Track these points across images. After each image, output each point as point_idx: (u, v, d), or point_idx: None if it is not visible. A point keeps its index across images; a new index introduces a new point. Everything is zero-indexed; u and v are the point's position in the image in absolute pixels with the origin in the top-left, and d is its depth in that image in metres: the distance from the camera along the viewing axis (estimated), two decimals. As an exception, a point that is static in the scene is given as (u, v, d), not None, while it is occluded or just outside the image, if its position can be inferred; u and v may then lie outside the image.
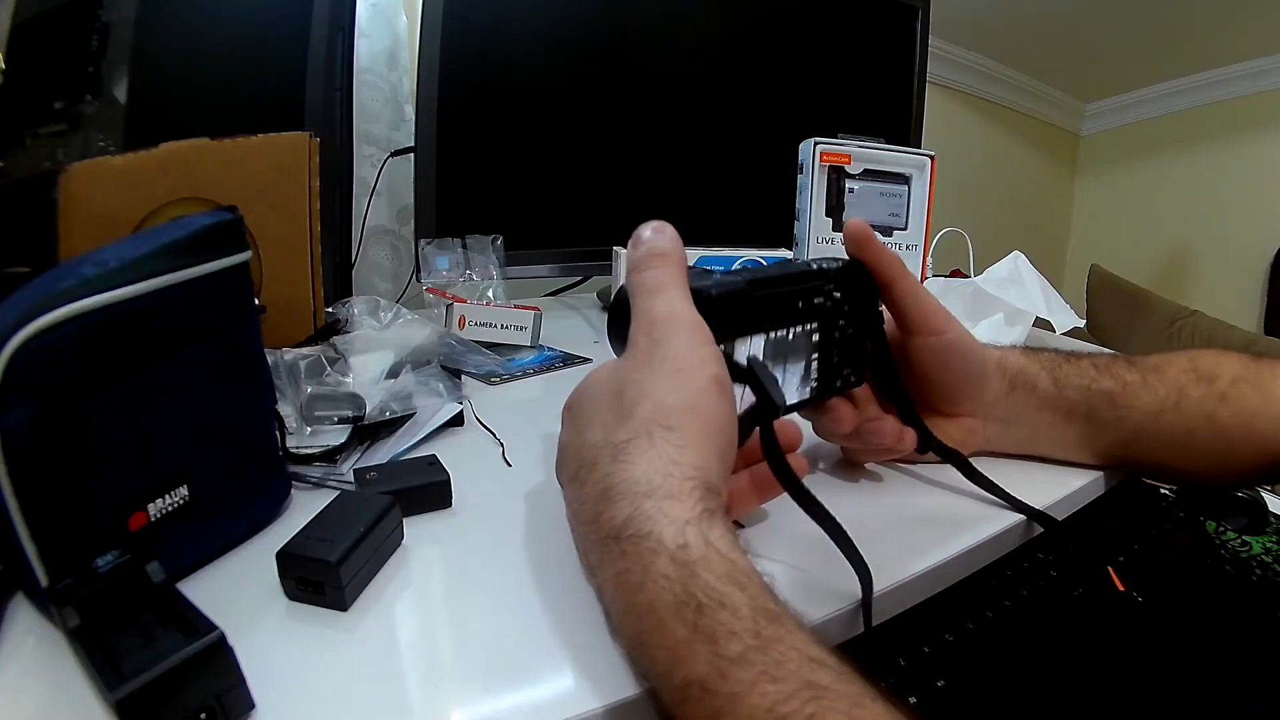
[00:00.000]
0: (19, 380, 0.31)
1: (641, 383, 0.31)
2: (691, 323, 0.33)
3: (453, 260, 0.80)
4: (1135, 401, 0.45)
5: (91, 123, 0.67)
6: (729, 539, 0.27)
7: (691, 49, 1.00)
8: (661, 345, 0.32)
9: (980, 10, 1.91)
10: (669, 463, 0.29)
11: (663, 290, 0.34)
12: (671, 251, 0.36)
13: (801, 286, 0.41)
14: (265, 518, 0.43)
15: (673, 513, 0.27)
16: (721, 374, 0.32)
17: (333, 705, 0.31)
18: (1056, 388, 0.47)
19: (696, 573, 0.25)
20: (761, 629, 0.24)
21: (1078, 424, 0.47)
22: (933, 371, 0.46)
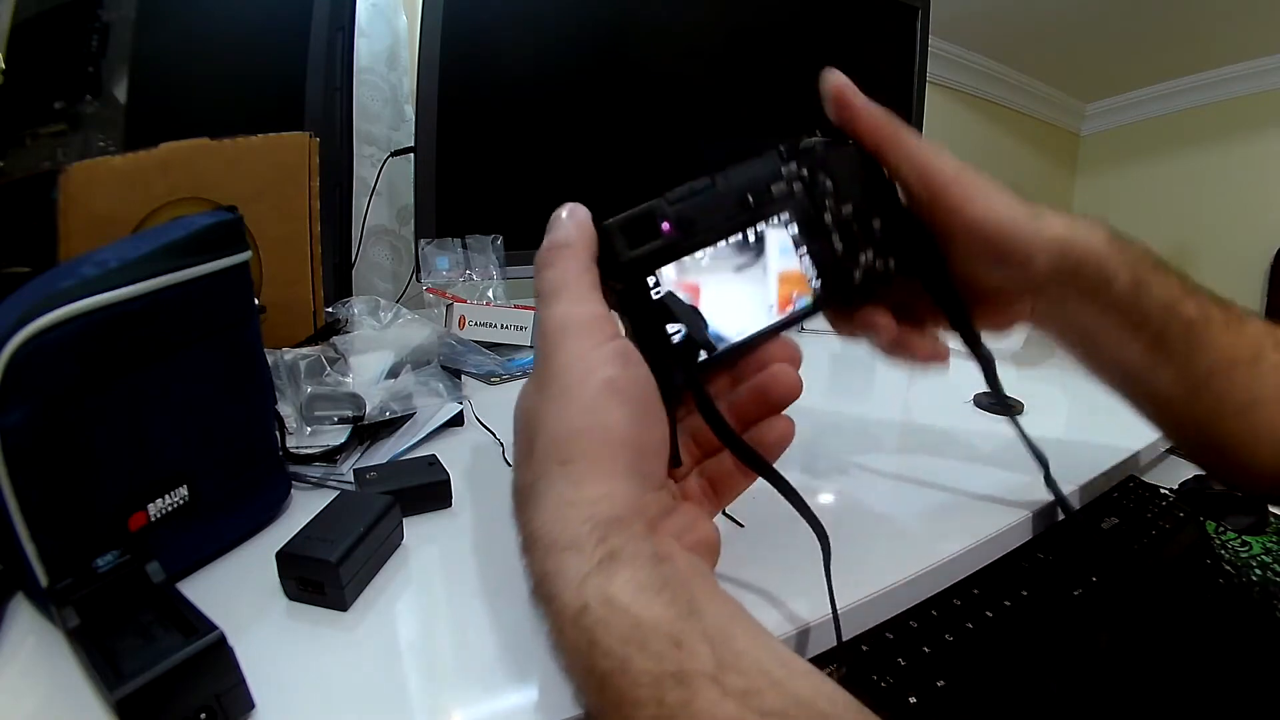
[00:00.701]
0: (19, 380, 0.31)
1: (535, 412, 0.29)
2: (582, 324, 0.29)
3: (453, 260, 0.80)
4: (1214, 340, 0.38)
5: (91, 123, 0.67)
6: (635, 585, 0.24)
7: (691, 49, 1.00)
8: (549, 361, 0.29)
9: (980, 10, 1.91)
10: (564, 505, 0.26)
11: (558, 292, 0.30)
12: (574, 241, 0.31)
13: (747, 180, 0.34)
14: (265, 518, 0.43)
15: (570, 570, 0.24)
16: (616, 375, 0.28)
17: (333, 705, 0.31)
18: (1135, 291, 0.37)
19: (595, 639, 0.23)
20: (665, 695, 0.22)
21: (1143, 341, 0.39)
22: (956, 257, 0.38)
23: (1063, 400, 0.73)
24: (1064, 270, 0.37)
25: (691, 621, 0.23)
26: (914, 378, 0.80)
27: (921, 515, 0.48)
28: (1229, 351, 0.38)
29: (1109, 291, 0.38)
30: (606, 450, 0.27)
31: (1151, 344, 0.39)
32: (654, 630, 0.23)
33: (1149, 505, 0.55)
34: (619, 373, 0.28)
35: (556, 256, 0.31)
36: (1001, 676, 0.39)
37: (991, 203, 0.36)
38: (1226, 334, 0.38)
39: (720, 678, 0.22)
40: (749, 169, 0.34)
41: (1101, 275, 0.37)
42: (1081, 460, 0.55)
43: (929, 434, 0.63)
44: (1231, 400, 0.38)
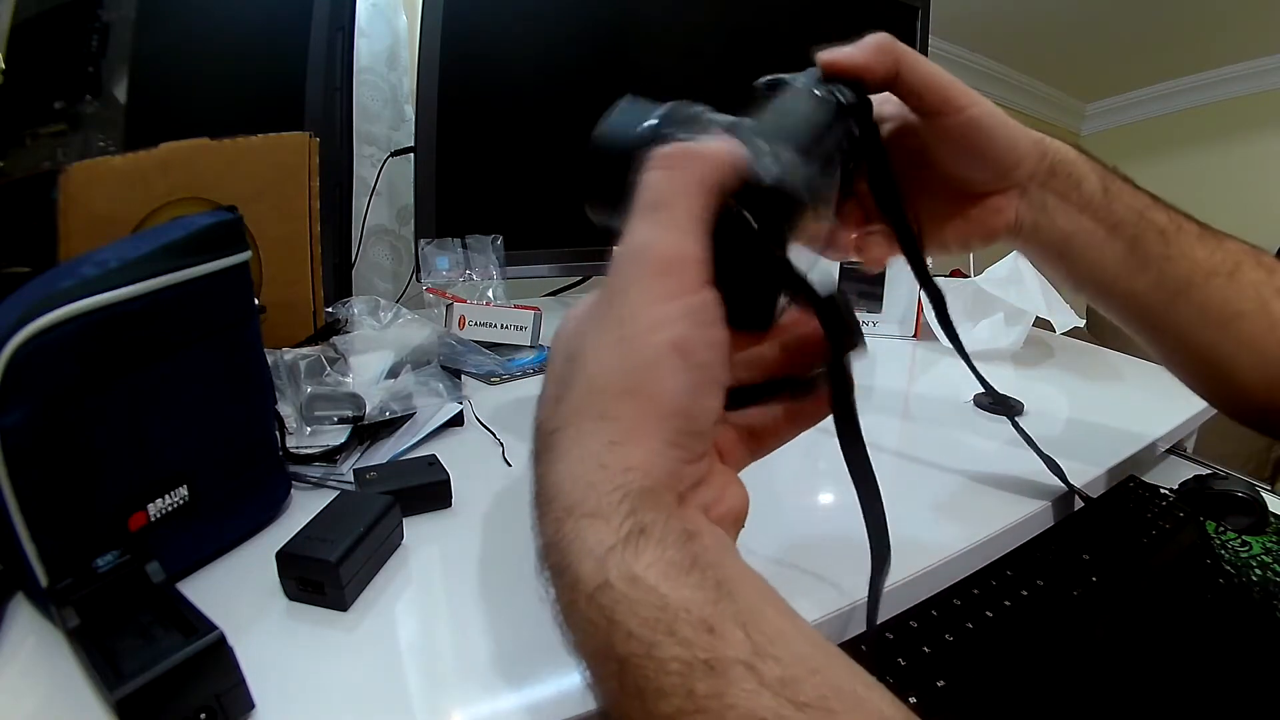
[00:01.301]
0: (19, 380, 0.31)
1: (583, 350, 0.25)
2: (667, 262, 0.25)
3: (453, 260, 0.80)
4: (1189, 250, 0.40)
5: (91, 123, 0.67)
6: (663, 564, 0.21)
7: (691, 49, 1.00)
8: (617, 297, 0.25)
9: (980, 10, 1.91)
10: (595, 466, 0.23)
11: (656, 208, 0.25)
12: (709, 156, 0.26)
13: (835, 139, 0.34)
14: (265, 518, 0.43)
15: (592, 539, 0.22)
16: (686, 335, 0.24)
17: (333, 705, 0.31)
18: (1106, 195, 0.40)
19: (616, 620, 0.21)
20: (695, 685, 0.20)
21: (1120, 245, 0.41)
22: (955, 154, 0.40)
23: (1063, 400, 0.73)
24: (1042, 170, 0.40)
25: (724, 604, 0.21)
26: (914, 378, 0.80)
27: (921, 515, 0.48)
28: (1206, 263, 0.39)
29: (1081, 192, 0.40)
30: (655, 418, 0.24)
31: (1127, 248, 0.41)
32: (684, 613, 0.21)
33: (1149, 505, 0.55)
34: (691, 333, 0.24)
35: (676, 161, 0.26)
36: (1002, 676, 0.39)
37: (985, 107, 0.39)
38: (1202, 246, 0.40)
39: (756, 665, 0.20)
40: (824, 126, 0.34)
41: (1073, 177, 0.40)
42: (1081, 460, 0.55)
43: (928, 434, 0.63)
44: (1212, 311, 0.39)
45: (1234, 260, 0.40)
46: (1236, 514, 0.55)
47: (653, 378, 0.24)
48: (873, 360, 0.84)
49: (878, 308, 0.90)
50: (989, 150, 0.39)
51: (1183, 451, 0.69)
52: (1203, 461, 0.67)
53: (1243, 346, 0.40)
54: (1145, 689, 0.43)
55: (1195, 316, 0.40)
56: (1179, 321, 0.41)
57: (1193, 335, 0.41)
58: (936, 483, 0.52)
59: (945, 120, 0.38)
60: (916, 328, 0.90)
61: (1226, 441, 1.58)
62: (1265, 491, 0.58)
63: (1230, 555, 0.52)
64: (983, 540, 0.45)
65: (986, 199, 0.42)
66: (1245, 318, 0.39)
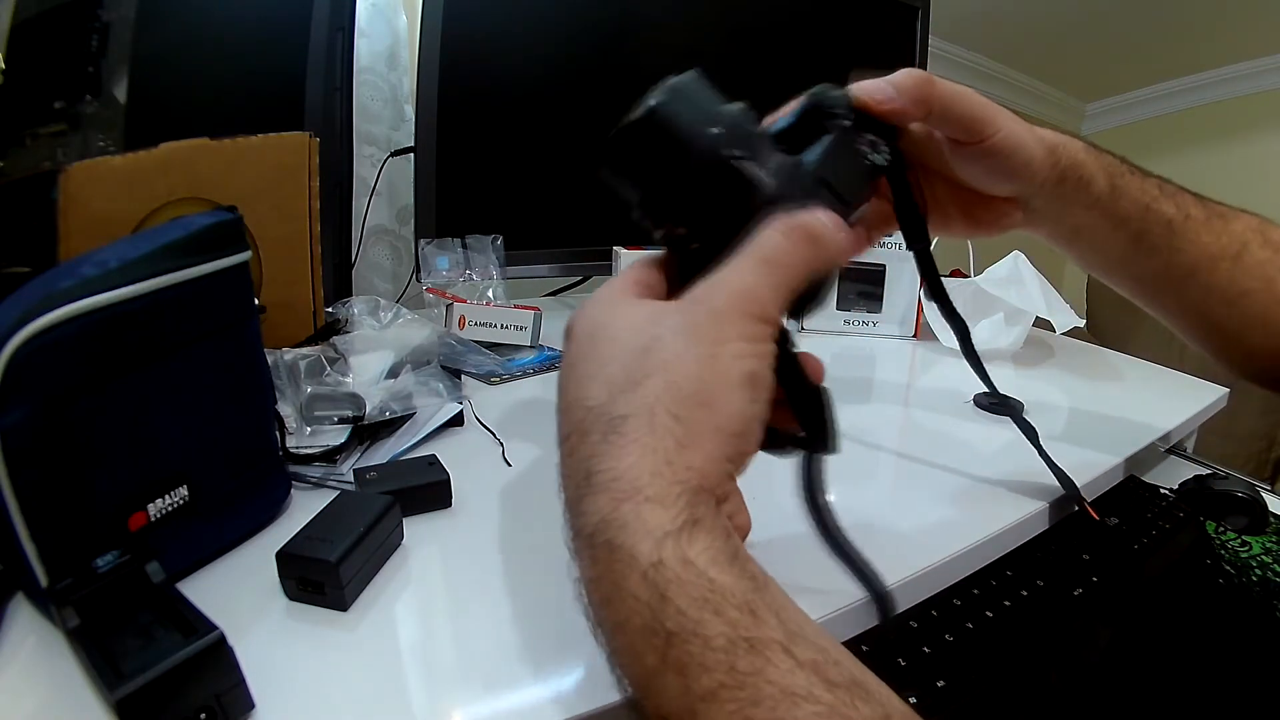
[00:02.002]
0: (19, 380, 0.31)
1: (671, 351, 0.27)
2: (758, 311, 0.28)
3: (453, 260, 0.80)
4: (1195, 238, 0.42)
5: (91, 123, 0.67)
6: (712, 552, 0.24)
7: (691, 49, 1.00)
8: (713, 318, 0.28)
9: (980, 10, 1.91)
10: (662, 461, 0.25)
11: (774, 268, 0.29)
12: (828, 246, 0.30)
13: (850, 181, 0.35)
14: (265, 518, 0.43)
15: (651, 522, 0.24)
16: (759, 372, 0.28)
17: (333, 705, 0.31)
18: (1112, 193, 0.42)
19: (668, 597, 0.23)
20: (737, 662, 0.21)
21: (1126, 239, 0.43)
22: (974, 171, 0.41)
23: (1063, 400, 0.73)
24: (1053, 177, 0.41)
25: (760, 594, 0.23)
26: (914, 378, 0.80)
27: (920, 516, 0.48)
28: (1211, 248, 0.42)
29: (1089, 192, 0.42)
30: (720, 433, 0.26)
31: (1134, 240, 0.43)
32: (730, 595, 0.23)
33: (1149, 505, 0.55)
34: (763, 372, 0.28)
35: (802, 240, 0.30)
36: (1002, 676, 0.39)
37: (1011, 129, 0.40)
38: (1208, 232, 0.42)
39: (790, 647, 0.22)
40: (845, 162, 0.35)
41: (1082, 179, 0.42)
42: (1081, 460, 0.55)
43: (928, 434, 0.63)
44: (1219, 292, 0.42)
45: (1240, 241, 0.42)
46: (1236, 514, 0.55)
47: (727, 397, 0.27)
48: (873, 360, 0.84)
49: (878, 308, 0.90)
50: (1007, 169, 0.40)
51: (1183, 451, 0.69)
52: (1203, 461, 0.67)
53: (1251, 321, 0.42)
54: (1145, 689, 0.43)
55: (1202, 296, 0.43)
56: (1186, 301, 0.44)
57: (1201, 312, 0.44)
58: (936, 482, 0.52)
59: (970, 146, 0.40)
60: (916, 328, 0.90)
61: (1226, 441, 1.58)
62: (1265, 491, 0.58)
63: (1230, 555, 0.52)
64: (983, 540, 0.45)
65: (997, 201, 0.43)
66: (1252, 295, 0.41)
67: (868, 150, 0.36)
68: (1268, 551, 0.52)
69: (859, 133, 0.36)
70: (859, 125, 0.36)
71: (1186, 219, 0.42)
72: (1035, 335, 0.87)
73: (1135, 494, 0.57)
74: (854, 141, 0.36)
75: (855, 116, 0.36)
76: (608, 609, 0.24)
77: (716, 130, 0.31)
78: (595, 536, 0.25)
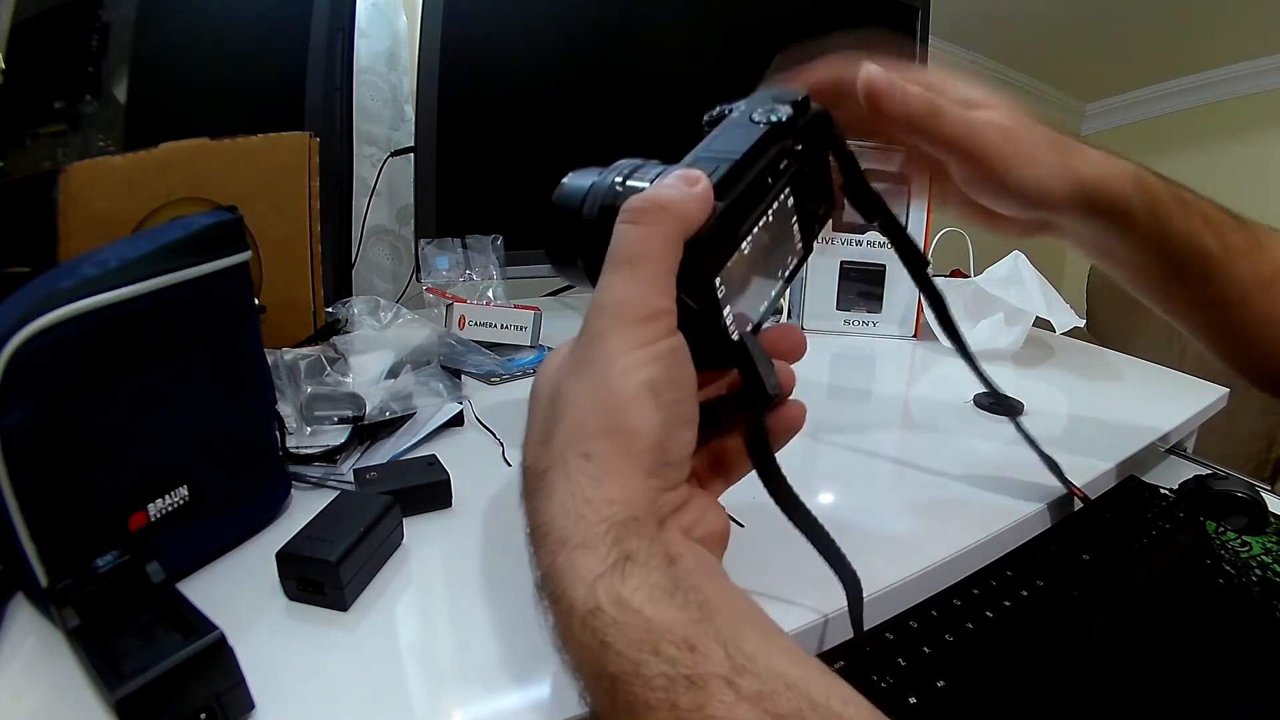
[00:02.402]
0: (19, 380, 0.31)
1: (564, 394, 0.28)
2: (640, 315, 0.27)
3: (453, 260, 0.80)
4: (1231, 270, 0.42)
5: (91, 123, 0.67)
6: (648, 588, 0.23)
7: (691, 49, 1.00)
8: (594, 343, 0.27)
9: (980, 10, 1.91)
10: (581, 502, 0.25)
11: (632, 263, 0.27)
12: (673, 205, 0.28)
13: (769, 160, 0.33)
14: (265, 518, 0.43)
15: (583, 568, 0.24)
16: (658, 377, 0.27)
17: (333, 705, 0.31)
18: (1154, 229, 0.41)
19: (607, 642, 0.23)
20: (678, 699, 0.21)
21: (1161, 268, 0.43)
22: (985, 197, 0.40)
23: (1063, 400, 0.73)
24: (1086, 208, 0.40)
25: (704, 625, 0.23)
26: (914, 378, 0.80)
27: (921, 516, 0.48)
28: (1245, 279, 0.42)
29: (1128, 222, 0.41)
30: (632, 454, 0.26)
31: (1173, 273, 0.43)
32: (667, 633, 0.22)
33: (1149, 505, 0.55)
34: (662, 375, 0.27)
35: (651, 218, 0.28)
36: (1002, 677, 0.39)
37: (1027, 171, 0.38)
38: (1245, 263, 0.42)
39: (734, 680, 0.22)
40: (759, 146, 0.33)
41: (1122, 211, 0.40)
42: (1081, 460, 0.55)
43: (928, 434, 0.63)
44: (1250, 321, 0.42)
45: (1273, 270, 0.42)
46: (1236, 514, 0.55)
47: (629, 416, 0.26)
48: (873, 360, 0.84)
49: (878, 308, 0.90)
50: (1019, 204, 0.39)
51: (1183, 451, 0.69)
52: (1203, 461, 0.67)
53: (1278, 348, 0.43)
54: (1145, 689, 0.43)
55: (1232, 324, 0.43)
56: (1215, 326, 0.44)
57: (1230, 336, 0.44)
58: (936, 483, 0.52)
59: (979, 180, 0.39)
60: (916, 328, 0.89)
61: (1226, 441, 1.58)
62: (1265, 491, 0.58)
63: (1230, 555, 0.52)
64: (983, 540, 0.45)
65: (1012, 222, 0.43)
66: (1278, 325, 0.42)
67: (762, 114, 0.34)
68: (1268, 551, 0.52)
69: (755, 106, 0.35)
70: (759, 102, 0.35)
71: (1226, 251, 0.42)
72: (1035, 335, 0.87)
73: (1135, 494, 0.57)
74: (747, 114, 0.35)
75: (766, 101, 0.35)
76: (564, 654, 0.25)
77: (597, 177, 0.33)
78: (542, 589, 0.26)
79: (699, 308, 0.29)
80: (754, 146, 0.32)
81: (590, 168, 0.34)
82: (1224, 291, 0.42)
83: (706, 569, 0.26)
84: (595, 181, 0.33)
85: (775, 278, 0.34)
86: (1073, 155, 0.40)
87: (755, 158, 0.32)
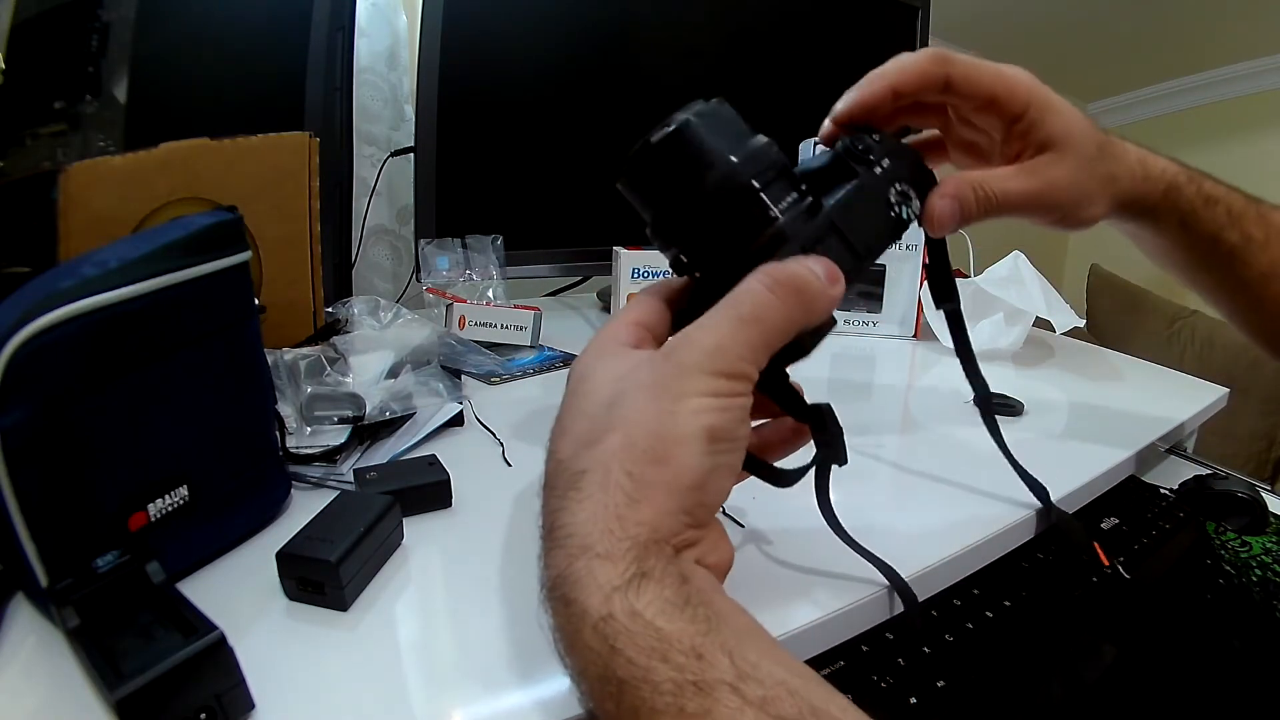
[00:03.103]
0: (19, 380, 0.31)
1: (632, 408, 0.28)
2: (728, 367, 0.28)
3: (453, 260, 0.80)
4: (1252, 260, 0.45)
5: (91, 123, 0.67)
6: (660, 602, 0.24)
7: (691, 49, 1.00)
8: (678, 373, 0.28)
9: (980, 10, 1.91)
10: (613, 517, 0.26)
11: (752, 324, 0.28)
12: (812, 301, 0.29)
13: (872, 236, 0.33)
14: (265, 518, 0.43)
15: (601, 577, 0.25)
16: (720, 425, 0.27)
17: (333, 705, 0.31)
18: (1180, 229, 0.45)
19: (617, 648, 0.23)
20: (685, 704, 0.22)
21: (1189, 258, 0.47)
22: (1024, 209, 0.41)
23: (1063, 400, 0.73)
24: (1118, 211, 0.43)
25: (712, 636, 0.24)
26: (914, 378, 0.80)
27: (921, 515, 0.48)
28: (1264, 268, 0.45)
29: (1155, 224, 0.44)
30: (674, 488, 0.27)
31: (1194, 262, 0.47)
32: (676, 642, 0.23)
33: (1149, 505, 0.55)
34: (725, 426, 0.28)
35: (786, 293, 0.29)
36: (1002, 676, 0.39)
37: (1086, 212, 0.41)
38: (1264, 254, 0.45)
39: (739, 686, 0.22)
40: (867, 209, 0.33)
41: (1151, 216, 0.44)
42: (1081, 460, 0.55)
43: (929, 434, 0.63)
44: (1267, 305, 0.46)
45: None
46: (1236, 514, 0.55)
47: (683, 453, 0.27)
48: (873, 360, 0.84)
49: (878, 308, 0.90)
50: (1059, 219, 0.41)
51: (1183, 451, 0.69)
52: (1203, 461, 0.67)
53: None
54: (1145, 689, 0.43)
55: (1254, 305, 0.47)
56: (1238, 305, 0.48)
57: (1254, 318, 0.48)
58: (937, 482, 0.52)
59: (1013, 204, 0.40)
60: (917, 328, 0.89)
61: (1226, 441, 1.58)
62: (1265, 491, 0.58)
63: (1230, 555, 0.52)
64: (983, 540, 0.45)
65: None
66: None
67: (896, 201, 0.34)
68: (1268, 551, 0.52)
69: (891, 181, 0.34)
70: (892, 173, 0.34)
71: (1249, 242, 0.45)
72: (1035, 335, 0.87)
73: (1135, 494, 0.57)
74: (883, 189, 0.34)
75: (890, 163, 0.34)
76: (570, 658, 0.25)
77: (736, 157, 0.31)
78: (554, 590, 0.26)
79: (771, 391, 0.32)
80: (879, 248, 0.34)
81: (731, 117, 0.32)
82: (1245, 278, 0.46)
83: (714, 588, 0.27)
84: (735, 161, 0.31)
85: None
86: (1114, 162, 0.42)
87: (864, 231, 0.33)
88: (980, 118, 0.40)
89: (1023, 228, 0.44)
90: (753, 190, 0.30)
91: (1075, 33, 2.13)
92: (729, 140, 0.31)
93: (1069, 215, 0.41)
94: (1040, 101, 0.40)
